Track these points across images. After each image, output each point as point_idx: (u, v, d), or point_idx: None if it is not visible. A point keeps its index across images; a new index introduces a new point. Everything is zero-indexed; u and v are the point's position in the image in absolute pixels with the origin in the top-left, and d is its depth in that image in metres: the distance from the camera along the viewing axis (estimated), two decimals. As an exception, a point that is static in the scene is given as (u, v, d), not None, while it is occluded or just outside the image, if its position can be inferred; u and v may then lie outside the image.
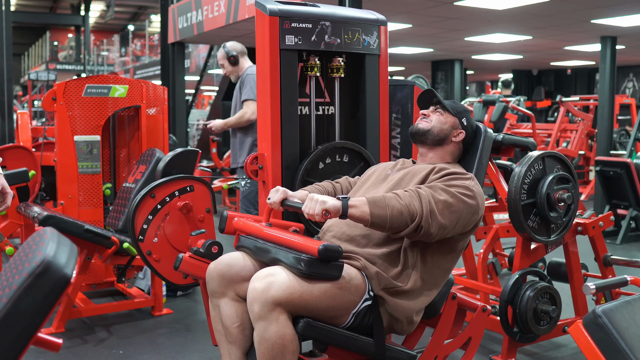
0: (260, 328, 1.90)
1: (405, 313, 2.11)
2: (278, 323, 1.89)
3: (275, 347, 1.89)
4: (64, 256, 1.23)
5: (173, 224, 2.52)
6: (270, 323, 1.88)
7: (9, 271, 1.28)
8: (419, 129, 2.37)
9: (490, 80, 20.07)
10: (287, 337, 1.90)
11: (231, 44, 4.51)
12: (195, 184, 2.57)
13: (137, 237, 2.47)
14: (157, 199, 2.50)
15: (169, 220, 2.52)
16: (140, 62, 20.99)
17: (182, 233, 2.53)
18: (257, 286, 1.91)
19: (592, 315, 1.48)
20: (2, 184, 2.43)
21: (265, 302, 1.88)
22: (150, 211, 2.49)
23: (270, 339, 1.88)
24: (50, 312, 1.20)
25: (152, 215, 2.49)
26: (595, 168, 6.27)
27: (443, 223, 2.04)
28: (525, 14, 7.19)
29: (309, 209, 1.99)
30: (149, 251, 2.47)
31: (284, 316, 1.90)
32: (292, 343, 1.91)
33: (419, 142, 2.39)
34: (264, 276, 1.93)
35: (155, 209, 2.49)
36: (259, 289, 1.90)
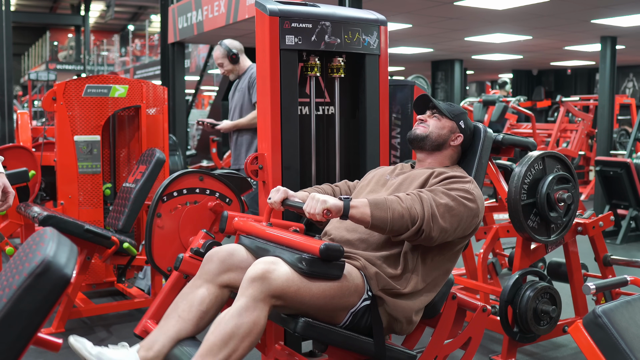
0: (241, 305, 1.87)
1: (405, 313, 2.11)
2: (261, 311, 1.87)
3: (242, 328, 1.85)
4: (64, 256, 1.24)
5: (194, 213, 2.59)
6: (255, 307, 1.86)
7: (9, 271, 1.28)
8: (417, 135, 2.37)
9: (490, 80, 20.06)
10: (258, 327, 1.87)
11: (230, 42, 4.41)
12: (235, 202, 2.68)
13: (162, 197, 2.56)
14: (202, 184, 2.61)
15: (195, 207, 2.59)
16: (140, 62, 20.99)
17: (193, 225, 2.58)
18: (259, 267, 1.91)
19: (592, 315, 1.48)
20: (4, 183, 2.43)
21: (261, 286, 1.87)
22: (188, 187, 2.58)
23: (243, 319, 1.85)
24: (50, 312, 1.20)
25: (188, 191, 2.59)
26: (595, 168, 6.27)
27: (444, 226, 2.04)
28: (525, 14, 7.19)
29: (310, 208, 1.99)
30: (160, 214, 2.54)
31: (268, 308, 1.89)
32: (258, 335, 1.88)
33: (417, 148, 2.39)
34: (268, 261, 1.94)
35: (193, 190, 2.57)
36: (260, 270, 1.89)
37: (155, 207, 2.56)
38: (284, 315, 2.04)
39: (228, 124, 4.36)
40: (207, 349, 1.85)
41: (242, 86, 4.33)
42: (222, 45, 4.36)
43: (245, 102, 4.31)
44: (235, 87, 4.44)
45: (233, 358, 1.84)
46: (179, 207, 2.56)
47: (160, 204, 2.56)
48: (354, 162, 2.81)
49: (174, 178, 2.61)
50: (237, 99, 4.38)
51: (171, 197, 2.57)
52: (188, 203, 2.60)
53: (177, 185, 2.60)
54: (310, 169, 2.73)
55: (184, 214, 2.57)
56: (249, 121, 4.26)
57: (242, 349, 1.85)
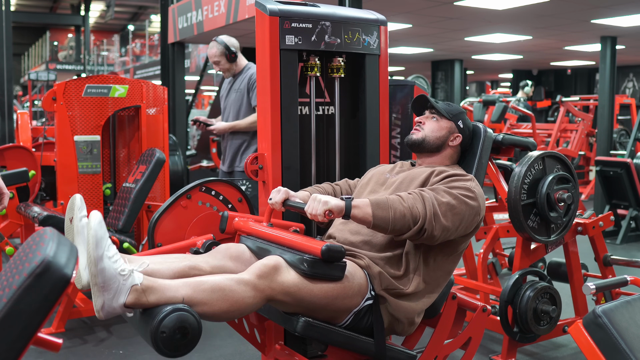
0: (240, 278, 1.86)
1: (407, 314, 2.11)
2: (253, 296, 1.86)
3: (231, 292, 1.83)
4: (64, 256, 1.24)
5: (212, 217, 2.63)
6: (252, 289, 1.86)
7: (9, 271, 1.28)
8: (413, 141, 2.37)
9: (490, 80, 20.06)
10: (240, 306, 1.85)
11: (227, 39, 4.18)
12: (244, 201, 2.69)
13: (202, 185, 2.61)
14: (242, 204, 2.69)
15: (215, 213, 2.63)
16: (140, 62, 20.99)
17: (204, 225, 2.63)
18: (269, 262, 1.92)
19: (592, 315, 1.48)
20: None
21: (267, 279, 1.88)
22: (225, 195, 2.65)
23: (233, 290, 1.84)
24: (50, 312, 1.20)
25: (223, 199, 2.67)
26: (595, 168, 6.27)
27: (446, 225, 2.04)
28: (525, 14, 7.19)
29: (312, 209, 1.99)
30: (190, 195, 2.59)
31: (261, 298, 1.88)
32: (236, 311, 1.86)
33: (417, 152, 2.40)
34: (275, 260, 1.94)
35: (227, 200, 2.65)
36: (269, 265, 1.91)
37: (191, 188, 2.58)
38: (284, 314, 2.04)
39: (224, 125, 4.16)
40: (194, 282, 1.83)
41: (240, 87, 4.16)
42: (219, 42, 4.14)
43: (244, 104, 4.14)
44: (230, 86, 4.26)
45: (205, 308, 1.81)
46: (205, 206, 2.59)
47: (197, 190, 2.58)
48: (354, 162, 2.81)
49: (224, 181, 2.68)
50: (233, 99, 4.20)
51: (209, 192, 2.60)
52: (216, 208, 2.61)
53: (220, 188, 2.63)
54: (310, 169, 2.73)
55: (205, 214, 2.58)
56: (248, 124, 4.10)
57: (217, 307, 1.82)
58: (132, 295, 1.73)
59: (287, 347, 2.49)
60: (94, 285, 1.72)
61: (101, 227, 1.75)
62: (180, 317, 1.71)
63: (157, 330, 1.69)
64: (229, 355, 3.23)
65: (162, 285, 1.79)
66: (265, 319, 2.40)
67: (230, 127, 4.15)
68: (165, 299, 1.76)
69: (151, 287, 1.76)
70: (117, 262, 1.74)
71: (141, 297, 1.74)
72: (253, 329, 2.50)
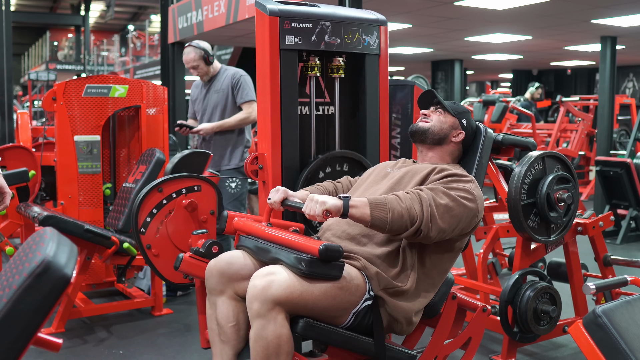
0: (257, 326, 1.90)
1: (405, 314, 2.11)
2: (276, 322, 1.89)
3: (271, 346, 1.88)
4: (64, 256, 1.24)
5: (176, 222, 2.51)
6: (268, 322, 1.88)
7: (9, 271, 1.28)
8: (419, 128, 2.38)
9: (490, 80, 20.06)
10: (283, 337, 1.90)
11: (204, 43, 4.24)
12: (203, 184, 2.56)
13: (139, 229, 2.46)
14: (164, 194, 2.49)
15: (173, 217, 2.51)
16: (140, 62, 20.98)
17: (183, 231, 2.53)
18: (257, 284, 1.91)
19: (592, 315, 1.48)
20: (1, 184, 2.43)
21: (265, 301, 1.88)
22: (155, 205, 2.48)
23: (267, 338, 1.88)
24: (50, 312, 1.20)
25: (157, 209, 2.48)
26: (595, 168, 6.27)
27: (443, 227, 2.04)
28: (525, 14, 7.19)
29: (310, 209, 1.99)
30: (149, 245, 2.46)
31: (282, 316, 1.90)
32: (287, 343, 1.91)
33: (418, 141, 2.39)
34: (264, 274, 1.93)
35: (161, 204, 2.49)
36: (259, 287, 1.90)
37: (139, 242, 2.46)
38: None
39: (210, 125, 4.15)
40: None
41: (222, 87, 4.20)
42: (198, 46, 4.19)
43: (229, 103, 4.18)
44: (208, 88, 4.28)
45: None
46: (160, 225, 2.50)
47: (142, 237, 2.47)
48: (354, 162, 2.81)
49: (136, 210, 2.46)
50: (214, 100, 4.22)
51: (146, 225, 2.47)
52: (166, 216, 2.50)
53: (144, 211, 2.47)
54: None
55: (169, 230, 2.49)
56: (237, 122, 4.14)
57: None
58: None
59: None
60: None
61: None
62: None
63: None
64: (229, 355, 3.22)
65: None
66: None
67: (218, 127, 4.16)
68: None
69: None
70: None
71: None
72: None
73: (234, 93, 4.17)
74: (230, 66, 4.43)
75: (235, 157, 4.21)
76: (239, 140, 4.22)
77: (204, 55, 4.18)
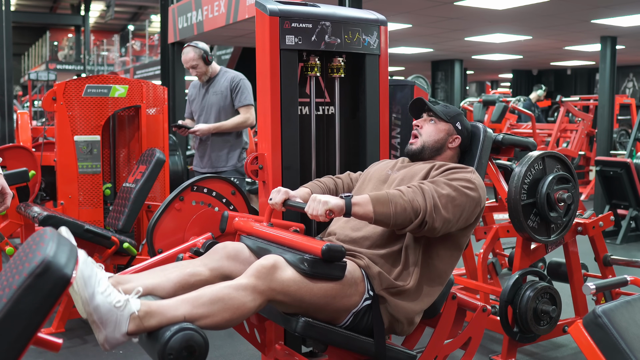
0: (239, 283, 1.86)
1: (407, 314, 2.11)
2: (253, 299, 1.86)
3: (231, 300, 1.83)
4: (64, 256, 1.24)
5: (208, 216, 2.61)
6: (247, 294, 1.85)
7: (9, 271, 1.28)
8: (413, 152, 2.38)
9: (490, 80, 20.06)
10: (240, 311, 1.85)
11: (203, 44, 4.25)
12: (238, 193, 2.68)
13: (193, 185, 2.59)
14: (235, 196, 2.66)
15: (210, 211, 2.61)
16: (140, 62, 20.98)
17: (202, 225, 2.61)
18: (271, 259, 1.92)
19: (592, 315, 1.48)
20: (2, 185, 2.43)
21: (266, 279, 1.87)
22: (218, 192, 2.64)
23: (232, 296, 1.83)
24: (50, 312, 1.20)
25: (216, 195, 2.62)
26: (595, 168, 6.27)
27: (447, 217, 2.04)
28: (525, 14, 7.19)
29: (313, 210, 1.99)
30: (183, 197, 2.57)
31: (261, 302, 1.88)
32: (235, 318, 1.85)
33: (418, 160, 2.39)
34: (273, 259, 1.94)
35: (220, 196, 2.62)
36: (267, 266, 1.90)
37: (182, 190, 2.55)
38: (284, 314, 2.04)
39: (207, 126, 4.15)
40: (192, 297, 1.83)
41: (221, 89, 4.20)
42: (197, 46, 4.20)
43: (227, 105, 4.18)
44: (206, 89, 4.28)
45: (208, 321, 1.81)
46: (200, 204, 2.58)
47: (188, 191, 2.56)
48: (354, 162, 2.81)
49: (213, 177, 2.64)
50: (212, 101, 4.23)
51: (201, 190, 2.58)
52: (210, 205, 2.59)
53: (211, 185, 2.61)
54: (310, 169, 2.73)
55: (201, 212, 2.57)
56: (234, 125, 4.14)
57: (219, 318, 1.83)
58: (132, 323, 1.74)
59: (287, 347, 2.49)
60: (92, 322, 1.73)
61: (87, 266, 1.75)
62: (185, 337, 1.71)
63: (164, 352, 1.70)
64: (228, 355, 3.23)
65: (161, 307, 1.79)
66: (265, 319, 2.40)
67: (215, 128, 4.16)
68: (166, 320, 1.77)
69: (150, 311, 1.76)
70: (111, 296, 1.74)
71: (142, 324, 1.75)
72: (253, 329, 2.50)
73: (233, 96, 4.18)
74: (230, 69, 4.44)
75: (233, 159, 4.21)
76: (237, 142, 4.23)
77: (203, 55, 4.18)
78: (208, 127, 4.16)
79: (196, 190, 2.58)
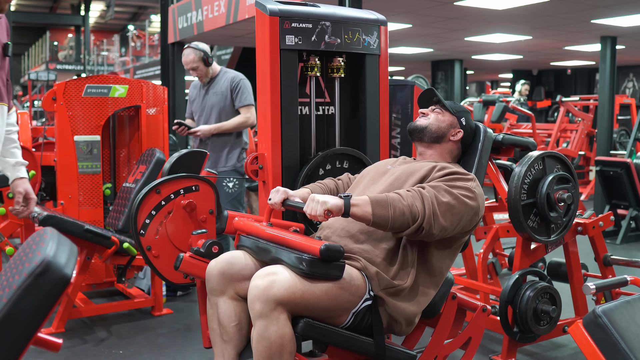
0: (260, 326, 1.90)
1: (405, 315, 2.11)
2: (278, 322, 1.89)
3: (274, 346, 1.88)
4: (64, 256, 1.24)
5: (175, 222, 2.50)
6: (270, 322, 1.88)
7: (9, 271, 1.28)
8: (417, 126, 2.39)
9: (490, 80, 20.05)
10: (286, 336, 1.90)
11: (203, 45, 4.27)
12: (201, 184, 2.56)
13: (139, 231, 2.46)
14: (162, 195, 2.48)
15: (172, 218, 2.50)
16: (140, 62, 20.98)
17: (183, 232, 2.52)
18: (259, 284, 1.91)
19: (592, 315, 1.48)
20: (27, 189, 2.43)
21: (267, 301, 1.88)
22: (154, 206, 2.47)
23: (270, 338, 1.88)
24: (50, 312, 1.20)
25: (156, 210, 2.47)
26: (595, 168, 6.27)
27: (444, 225, 2.04)
28: (525, 14, 7.19)
29: (311, 210, 1.99)
30: (149, 247, 2.46)
31: (284, 316, 1.90)
32: (290, 343, 1.91)
33: (416, 139, 2.40)
34: (266, 274, 1.93)
35: (159, 205, 2.48)
36: (260, 287, 1.90)
37: (139, 243, 2.45)
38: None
39: (209, 127, 4.17)
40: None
41: (221, 89, 4.22)
42: (197, 48, 4.21)
43: (227, 106, 4.20)
44: (207, 89, 4.29)
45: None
46: (159, 227, 2.49)
47: (141, 239, 2.45)
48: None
49: (135, 212, 2.45)
50: (213, 101, 4.24)
51: (146, 227, 2.46)
52: (165, 217, 2.48)
53: (143, 213, 2.45)
54: (310, 169, 2.72)
55: (168, 230, 2.48)
56: (235, 125, 4.16)
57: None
58: None
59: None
60: None
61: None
62: None
63: None
64: (229, 355, 3.22)
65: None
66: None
67: (216, 129, 4.18)
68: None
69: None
70: None
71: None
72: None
73: (233, 96, 4.20)
74: (230, 69, 4.44)
75: (232, 159, 4.22)
76: (237, 142, 4.25)
77: (203, 57, 4.20)
78: (209, 128, 4.18)
79: (145, 234, 2.46)
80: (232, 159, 4.22)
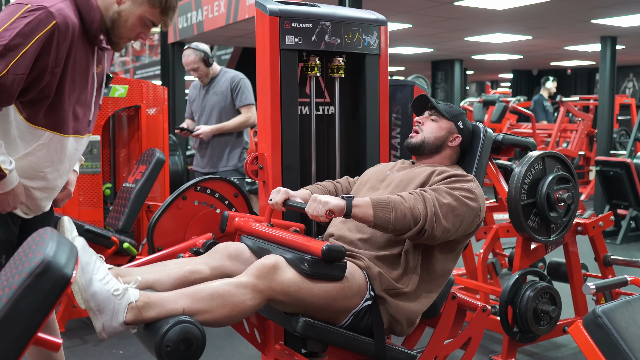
0: (242, 280, 1.87)
1: (406, 315, 2.11)
2: (254, 298, 1.86)
3: (231, 297, 1.83)
4: (64, 256, 1.24)
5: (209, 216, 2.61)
6: (247, 292, 1.85)
7: (9, 271, 1.28)
8: (412, 145, 2.38)
9: (490, 80, 20.05)
10: (243, 306, 1.86)
11: (203, 45, 4.27)
12: (240, 195, 2.68)
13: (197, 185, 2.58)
14: (237, 199, 2.65)
15: (212, 211, 2.61)
16: (140, 62, 20.97)
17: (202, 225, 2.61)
18: (273, 259, 1.92)
19: (592, 315, 1.48)
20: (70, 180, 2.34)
21: (266, 279, 1.87)
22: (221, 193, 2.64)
23: (236, 290, 1.84)
24: (50, 312, 1.20)
25: (219, 196, 2.63)
26: (595, 168, 6.27)
27: (447, 227, 2.04)
28: (525, 14, 7.19)
29: (313, 210, 1.99)
30: (186, 196, 2.56)
31: (261, 299, 1.88)
32: (237, 310, 1.86)
33: (416, 155, 2.40)
34: (275, 259, 1.94)
35: (223, 197, 2.63)
36: (268, 265, 1.90)
37: (186, 189, 2.55)
38: (284, 314, 2.04)
39: (210, 128, 4.17)
40: (191, 291, 1.83)
41: (221, 89, 4.22)
42: (198, 49, 4.21)
43: (227, 106, 4.20)
44: (207, 89, 4.29)
45: (206, 316, 1.82)
46: (202, 205, 2.58)
47: (192, 190, 2.56)
48: (354, 162, 2.81)
49: (217, 178, 2.66)
50: (213, 101, 4.24)
51: (204, 190, 2.58)
52: (212, 206, 2.60)
53: (214, 186, 2.61)
54: (310, 169, 2.73)
55: (202, 213, 2.57)
56: (236, 125, 4.16)
57: (218, 314, 1.83)
58: (130, 313, 1.73)
59: (287, 347, 2.49)
60: (89, 309, 1.72)
61: (85, 253, 1.74)
62: (183, 329, 1.71)
63: (161, 344, 1.69)
64: (228, 356, 3.23)
65: (160, 299, 1.79)
66: (265, 319, 2.40)
67: (218, 129, 4.18)
68: (165, 312, 1.76)
69: (149, 302, 1.76)
70: (109, 283, 1.74)
71: (140, 314, 1.74)
72: (253, 329, 2.50)
73: (233, 96, 4.20)
74: (230, 69, 4.44)
75: (233, 159, 4.22)
76: (237, 142, 4.25)
77: (204, 58, 4.19)
78: (210, 129, 4.18)
79: (199, 191, 2.59)
80: (233, 159, 4.22)
